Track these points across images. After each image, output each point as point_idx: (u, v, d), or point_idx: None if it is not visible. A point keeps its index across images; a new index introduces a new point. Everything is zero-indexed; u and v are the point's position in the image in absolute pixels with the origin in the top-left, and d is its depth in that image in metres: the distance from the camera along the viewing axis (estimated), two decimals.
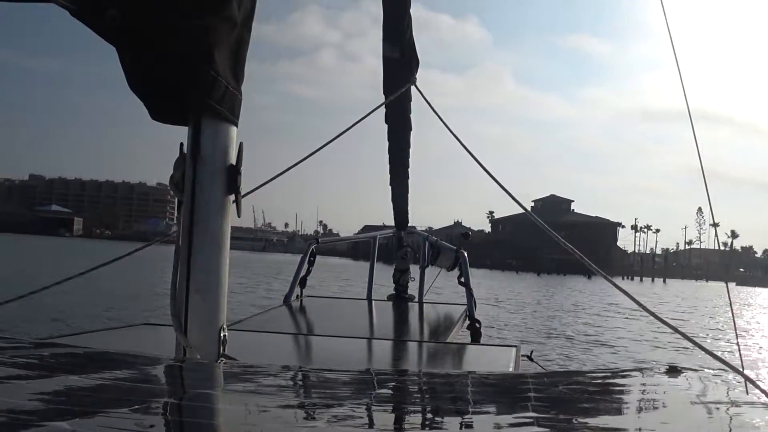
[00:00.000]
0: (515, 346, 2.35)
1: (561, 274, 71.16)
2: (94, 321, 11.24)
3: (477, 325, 3.28)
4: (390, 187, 4.81)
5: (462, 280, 3.85)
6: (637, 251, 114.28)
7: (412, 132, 4.57)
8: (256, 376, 1.26)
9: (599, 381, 1.26)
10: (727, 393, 1.00)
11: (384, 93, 4.10)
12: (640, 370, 1.27)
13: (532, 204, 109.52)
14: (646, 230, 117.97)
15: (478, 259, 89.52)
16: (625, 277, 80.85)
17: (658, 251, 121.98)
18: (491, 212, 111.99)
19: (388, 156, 4.62)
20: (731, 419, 0.85)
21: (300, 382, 1.24)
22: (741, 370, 1.95)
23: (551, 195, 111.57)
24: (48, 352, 1.29)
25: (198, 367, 1.30)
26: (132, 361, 1.28)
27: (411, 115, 4.43)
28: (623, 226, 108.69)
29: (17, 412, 0.74)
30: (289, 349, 2.37)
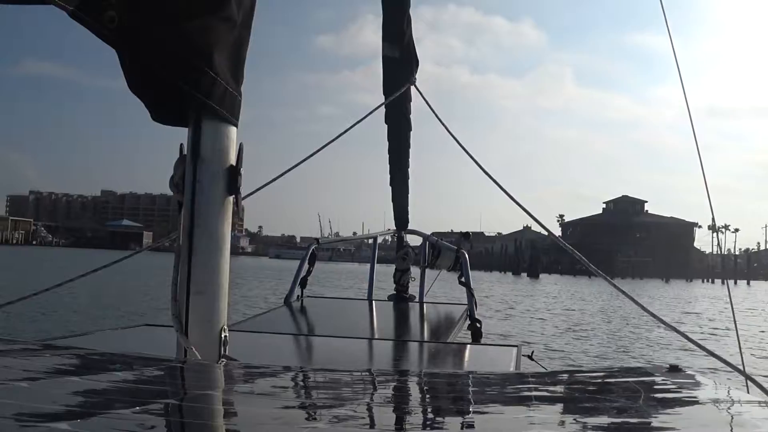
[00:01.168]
0: (516, 346, 2.35)
1: (637, 278, 67.94)
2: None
3: (478, 324, 3.28)
4: (390, 187, 4.81)
5: (462, 280, 3.85)
6: (715, 252, 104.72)
7: (411, 131, 4.57)
8: (257, 377, 1.26)
9: (600, 380, 1.26)
10: (728, 392, 0.99)
11: (384, 93, 4.11)
12: (642, 368, 1.26)
13: (604, 206, 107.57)
14: (724, 230, 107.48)
15: (549, 264, 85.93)
16: (705, 280, 76.62)
17: (737, 252, 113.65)
18: (561, 216, 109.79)
19: (388, 156, 4.63)
20: (732, 419, 0.85)
21: (301, 383, 1.24)
22: (742, 369, 1.95)
23: (623, 196, 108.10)
24: (49, 353, 1.29)
25: (199, 367, 1.30)
26: (133, 362, 1.28)
27: (411, 116, 4.43)
28: (699, 226, 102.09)
29: (18, 413, 0.74)
30: (290, 349, 2.37)
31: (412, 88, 4.10)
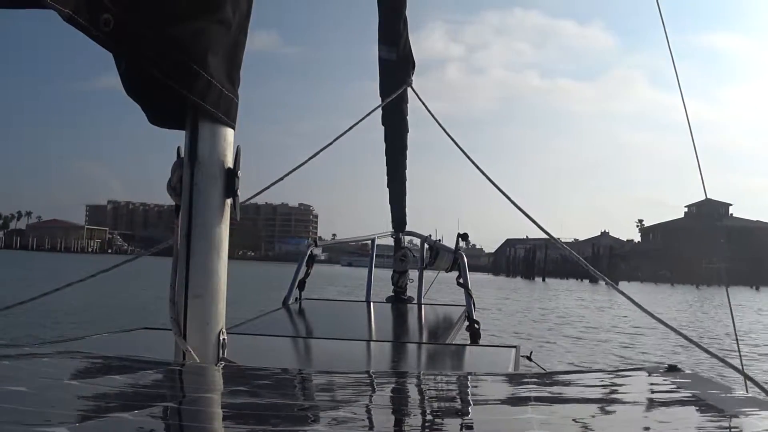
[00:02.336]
0: (515, 347, 2.35)
1: (723, 285, 62.84)
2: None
3: (476, 326, 3.28)
4: (387, 189, 4.81)
5: (461, 281, 3.85)
6: None
7: (408, 134, 4.58)
8: (256, 380, 1.25)
9: (599, 381, 1.26)
10: (728, 392, 0.99)
11: (380, 95, 4.11)
12: (640, 369, 1.27)
13: (686, 209, 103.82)
14: None
15: (629, 271, 79.75)
16: None
17: None
18: (640, 221, 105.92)
19: (385, 158, 4.63)
20: (731, 418, 0.85)
21: (299, 385, 1.24)
22: (741, 369, 1.96)
23: (707, 199, 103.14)
24: (47, 357, 1.28)
25: (197, 370, 1.30)
26: (131, 365, 1.28)
27: (408, 117, 4.44)
28: None
29: (17, 417, 0.74)
30: (288, 351, 2.36)
31: (409, 90, 4.11)
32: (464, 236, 4.43)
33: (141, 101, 1.40)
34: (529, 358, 4.07)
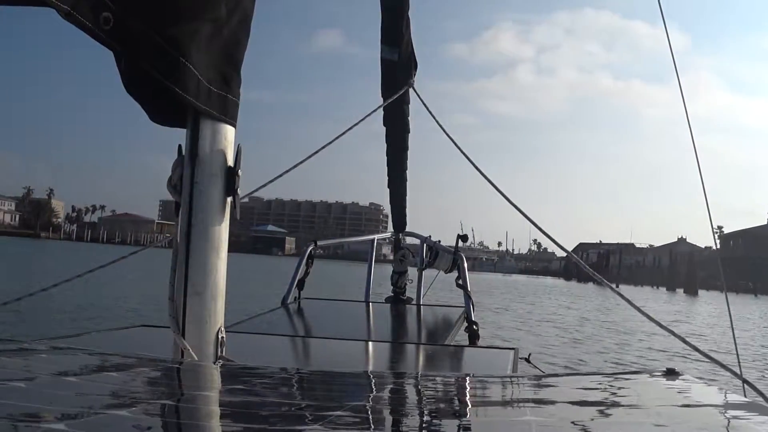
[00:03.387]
0: (513, 349, 2.35)
1: None
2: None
3: (475, 327, 3.28)
4: (388, 190, 4.81)
5: (460, 282, 3.85)
6: None
7: (410, 134, 4.58)
8: (254, 378, 1.25)
9: (597, 384, 1.26)
10: (726, 396, 0.99)
11: (382, 96, 4.11)
12: (638, 373, 1.27)
13: None
14: None
15: (707, 280, 72.32)
16: None
17: None
18: (720, 227, 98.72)
19: (386, 158, 4.63)
20: (729, 422, 0.85)
21: (298, 384, 1.24)
22: (739, 373, 1.95)
23: None
24: (45, 354, 1.28)
25: (196, 368, 1.30)
26: (129, 363, 1.28)
27: (409, 118, 4.44)
28: None
29: (15, 414, 0.74)
30: (287, 351, 2.36)
31: (411, 90, 4.11)
32: (464, 237, 4.43)
33: (142, 99, 1.40)
34: (527, 360, 4.07)
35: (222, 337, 1.44)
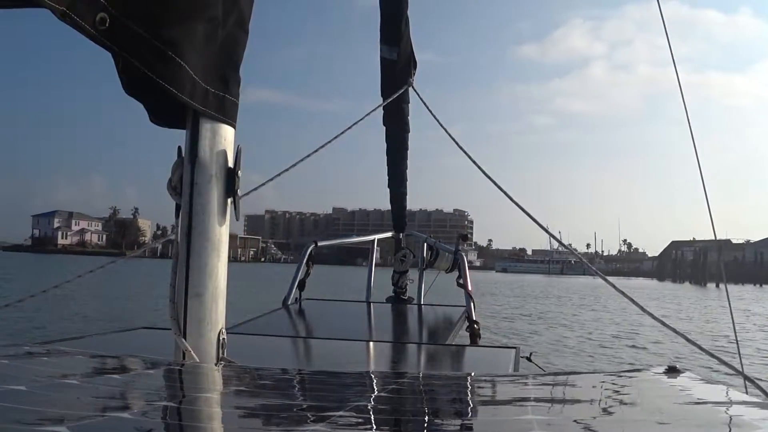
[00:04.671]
0: (515, 348, 2.35)
1: None
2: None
3: (476, 326, 3.27)
4: (388, 189, 4.81)
5: (461, 281, 3.85)
6: None
7: (409, 133, 4.57)
8: (256, 379, 1.25)
9: (599, 382, 1.26)
10: (727, 393, 0.99)
11: (382, 95, 4.11)
12: (640, 370, 1.26)
13: None
14: None
15: None
16: None
17: None
18: None
19: (386, 158, 4.63)
20: (731, 419, 0.85)
21: (299, 385, 1.24)
22: (741, 370, 1.95)
23: None
24: (47, 356, 1.28)
25: (197, 370, 1.30)
26: (131, 365, 1.28)
27: (409, 118, 4.44)
28: None
29: (17, 417, 0.74)
30: (288, 351, 2.36)
31: (411, 90, 4.11)
32: (464, 237, 4.43)
33: (140, 101, 1.40)
34: (529, 359, 4.07)
35: (223, 339, 1.44)
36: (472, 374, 1.52)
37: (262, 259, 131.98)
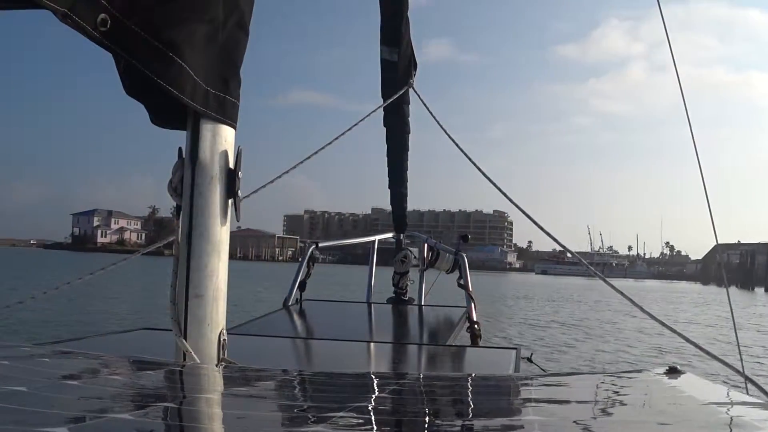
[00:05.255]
0: (515, 348, 2.35)
1: None
2: None
3: (477, 327, 3.27)
4: (389, 190, 4.81)
5: (461, 282, 3.84)
6: None
7: (409, 134, 4.58)
8: (256, 380, 1.25)
9: (599, 382, 1.26)
10: (728, 393, 0.99)
11: (382, 96, 4.11)
12: (640, 371, 1.26)
13: None
14: None
15: None
16: None
17: None
18: None
19: (386, 159, 4.63)
20: (732, 420, 0.85)
21: (299, 386, 1.24)
22: (741, 370, 1.95)
23: None
24: (48, 357, 1.28)
25: (198, 371, 1.30)
26: (131, 366, 1.28)
27: (410, 118, 4.44)
28: None
29: (17, 417, 0.74)
30: (288, 352, 2.36)
31: (411, 91, 4.11)
32: (465, 237, 4.43)
33: (141, 102, 1.40)
34: (529, 360, 4.06)
35: (224, 340, 1.44)
36: (473, 375, 1.52)
37: (299, 259, 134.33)
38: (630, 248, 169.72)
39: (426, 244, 4.60)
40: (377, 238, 5.12)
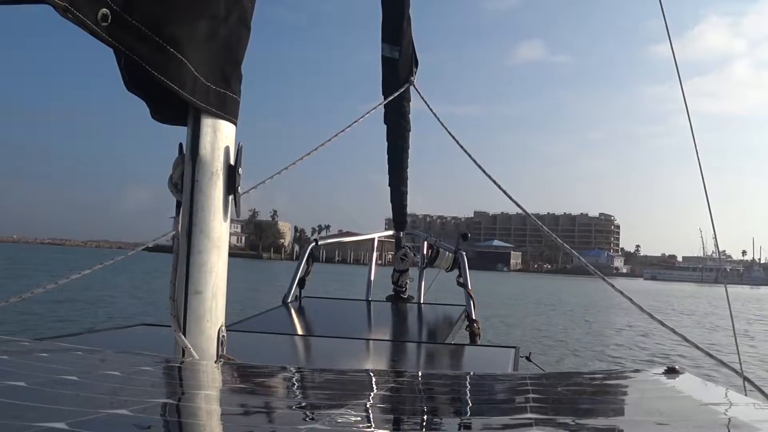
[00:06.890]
0: (514, 347, 2.35)
1: None
2: None
3: (476, 325, 3.28)
4: (389, 188, 4.81)
5: (461, 280, 3.85)
6: None
7: (410, 132, 4.58)
8: (255, 377, 1.26)
9: (598, 382, 1.26)
10: (726, 394, 0.99)
11: (383, 93, 4.11)
12: (639, 371, 1.26)
13: None
14: None
15: None
16: None
17: None
18: None
19: (387, 156, 4.63)
20: (730, 420, 0.85)
21: (298, 383, 1.24)
22: (740, 371, 1.95)
23: None
24: (46, 353, 1.28)
25: (197, 367, 1.30)
26: (130, 362, 1.28)
27: (410, 116, 4.44)
28: None
29: (16, 412, 0.74)
30: (287, 349, 2.37)
31: (412, 88, 4.11)
32: (465, 236, 4.43)
33: (142, 97, 1.39)
34: (528, 359, 4.07)
35: (223, 336, 1.44)
36: (471, 373, 1.52)
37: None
38: (744, 252, 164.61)
39: (426, 242, 4.60)
40: (377, 235, 5.12)
